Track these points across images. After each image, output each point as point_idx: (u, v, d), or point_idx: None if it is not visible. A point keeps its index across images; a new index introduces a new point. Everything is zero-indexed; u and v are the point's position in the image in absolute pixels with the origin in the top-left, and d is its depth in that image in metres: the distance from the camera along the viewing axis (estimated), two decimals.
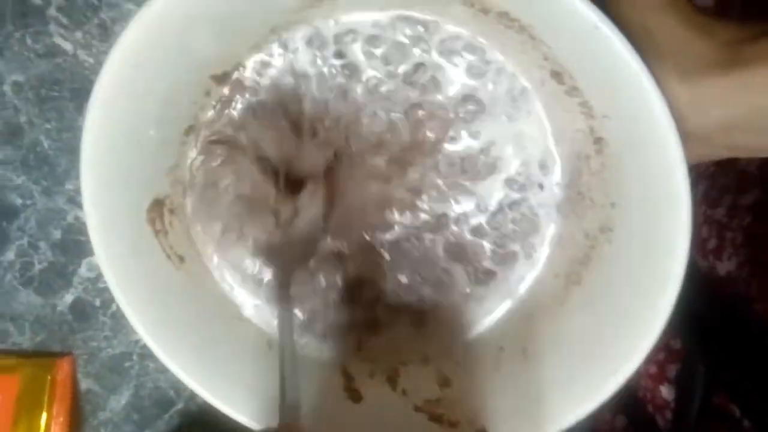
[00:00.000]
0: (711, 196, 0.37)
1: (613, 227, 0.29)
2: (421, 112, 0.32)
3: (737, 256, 0.34)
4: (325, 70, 0.31)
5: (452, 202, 0.33)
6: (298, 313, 0.33)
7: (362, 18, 0.31)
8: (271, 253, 0.31)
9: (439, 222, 0.33)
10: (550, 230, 0.33)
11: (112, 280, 0.28)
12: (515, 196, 0.33)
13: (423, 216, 0.33)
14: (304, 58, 0.31)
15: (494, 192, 0.33)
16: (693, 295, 0.27)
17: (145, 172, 0.28)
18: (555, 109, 0.31)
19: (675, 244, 0.25)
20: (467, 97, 0.32)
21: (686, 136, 0.24)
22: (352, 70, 0.31)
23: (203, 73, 0.29)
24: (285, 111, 0.31)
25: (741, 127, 0.23)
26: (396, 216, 0.33)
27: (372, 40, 0.31)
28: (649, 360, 0.41)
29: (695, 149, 0.24)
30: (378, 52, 0.31)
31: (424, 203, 0.33)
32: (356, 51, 0.31)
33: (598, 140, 0.28)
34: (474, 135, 0.32)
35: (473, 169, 0.33)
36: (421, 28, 0.31)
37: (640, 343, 0.27)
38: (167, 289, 0.30)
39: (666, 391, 0.37)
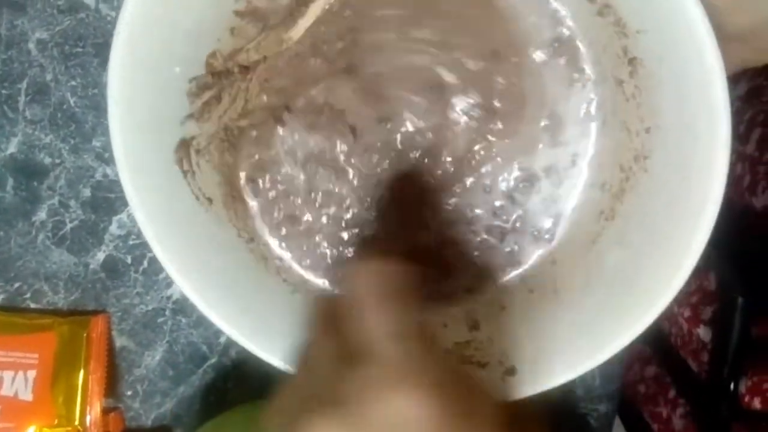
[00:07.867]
0: (740, 131, 0.36)
1: (649, 154, 0.28)
2: None
3: None
4: None
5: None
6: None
7: None
8: None
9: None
10: (582, 170, 0.32)
11: (142, 219, 0.28)
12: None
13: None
14: None
15: None
16: (731, 232, 0.26)
17: (172, 110, 0.28)
18: (589, 34, 0.30)
19: (713, 159, 0.24)
20: None
21: (727, 40, 0.22)
22: None
23: (227, 8, 0.29)
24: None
25: None
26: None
27: None
28: (683, 303, 0.40)
29: (738, 53, 0.23)
30: None
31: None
32: None
33: (631, 61, 0.27)
34: None
35: None
36: None
37: (677, 271, 0.26)
38: (198, 231, 0.30)
39: (703, 332, 0.36)
